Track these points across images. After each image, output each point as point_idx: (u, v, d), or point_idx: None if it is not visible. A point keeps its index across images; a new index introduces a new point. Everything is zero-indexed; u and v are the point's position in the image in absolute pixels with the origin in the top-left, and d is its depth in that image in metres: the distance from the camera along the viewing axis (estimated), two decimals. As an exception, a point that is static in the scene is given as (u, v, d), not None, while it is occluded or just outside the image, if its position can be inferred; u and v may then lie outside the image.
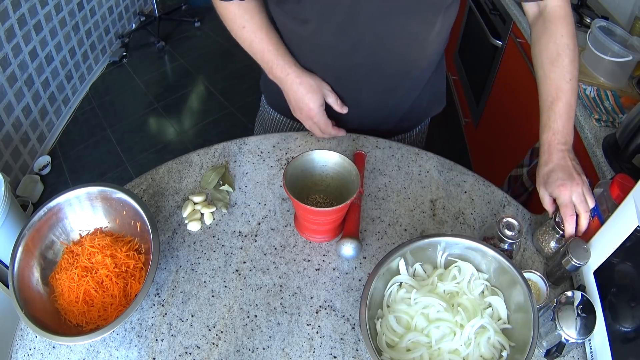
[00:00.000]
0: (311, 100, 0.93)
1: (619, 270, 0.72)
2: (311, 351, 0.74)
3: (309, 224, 0.84)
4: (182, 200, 0.93)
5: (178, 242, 0.87)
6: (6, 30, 2.10)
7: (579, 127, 1.32)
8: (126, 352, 0.73)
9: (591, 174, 1.26)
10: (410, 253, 0.76)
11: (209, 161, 1.00)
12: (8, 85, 2.14)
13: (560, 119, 0.84)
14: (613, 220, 0.75)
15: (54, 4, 2.45)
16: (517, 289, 0.70)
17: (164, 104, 2.83)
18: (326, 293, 0.80)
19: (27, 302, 0.72)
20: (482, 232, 0.86)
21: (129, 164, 2.47)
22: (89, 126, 2.68)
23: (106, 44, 3.08)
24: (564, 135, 0.84)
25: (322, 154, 0.83)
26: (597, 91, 1.37)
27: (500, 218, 0.78)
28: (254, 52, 0.94)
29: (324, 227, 0.84)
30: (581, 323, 0.68)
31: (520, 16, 1.71)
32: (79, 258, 0.79)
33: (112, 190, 0.82)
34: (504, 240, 0.78)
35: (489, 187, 0.97)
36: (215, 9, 0.93)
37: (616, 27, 1.47)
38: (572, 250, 0.75)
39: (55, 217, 0.81)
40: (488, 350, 0.69)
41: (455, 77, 2.67)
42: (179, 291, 0.80)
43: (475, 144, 2.37)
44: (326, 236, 0.87)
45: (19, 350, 0.74)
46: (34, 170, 2.36)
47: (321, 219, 0.81)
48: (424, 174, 0.98)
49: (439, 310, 0.71)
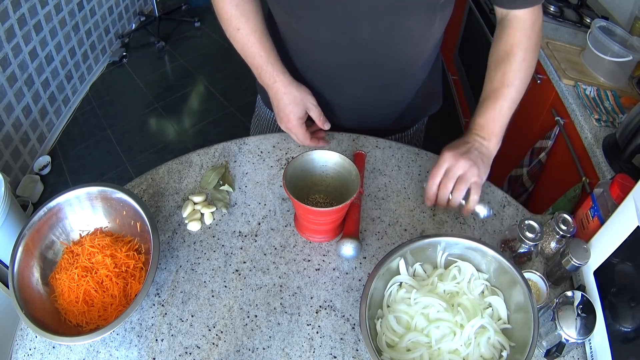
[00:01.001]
0: (292, 112, 0.94)
1: (619, 270, 0.72)
2: (311, 351, 0.74)
3: (309, 224, 0.84)
4: (182, 200, 0.93)
5: (178, 242, 0.87)
6: (6, 30, 2.10)
7: (579, 127, 1.32)
8: (126, 352, 0.73)
9: (591, 174, 1.26)
10: (410, 253, 0.76)
11: (209, 161, 1.00)
12: (8, 85, 2.14)
13: (483, 117, 0.86)
14: (613, 220, 0.75)
15: (54, 4, 2.45)
16: (517, 289, 0.70)
17: (164, 104, 2.83)
18: (326, 293, 0.80)
19: (27, 302, 0.72)
20: (502, 235, 0.86)
21: (129, 164, 2.47)
22: (89, 126, 2.68)
23: (106, 44, 3.08)
24: (486, 132, 0.86)
25: (322, 153, 0.83)
26: (597, 91, 1.37)
27: (522, 220, 0.79)
28: (245, 55, 0.94)
29: (324, 227, 0.84)
30: (581, 323, 0.68)
31: (520, 16, 1.70)
32: (79, 258, 0.79)
33: (112, 190, 0.82)
34: (525, 242, 0.78)
35: (489, 187, 0.97)
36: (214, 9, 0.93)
37: (616, 27, 1.47)
38: (572, 250, 0.75)
39: (55, 217, 0.81)
40: (488, 350, 0.69)
41: (455, 77, 2.66)
42: (179, 291, 0.80)
43: (475, 144, 2.36)
44: (326, 236, 0.87)
45: (19, 350, 0.74)
46: (34, 170, 2.36)
47: (321, 219, 0.81)
48: (424, 174, 0.98)
49: (439, 310, 0.71)
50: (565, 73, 1.44)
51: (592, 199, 0.84)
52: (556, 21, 1.69)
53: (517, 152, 1.74)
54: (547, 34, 1.62)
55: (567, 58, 1.51)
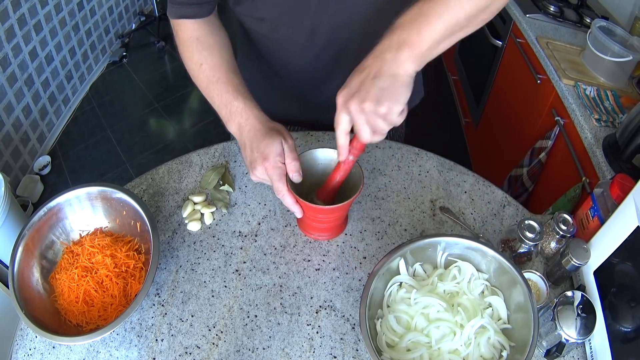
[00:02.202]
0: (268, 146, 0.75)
1: (619, 270, 0.72)
2: (311, 351, 0.74)
3: (314, 222, 0.83)
4: (182, 200, 0.93)
5: (178, 242, 0.87)
6: (6, 30, 2.09)
7: (579, 127, 1.32)
8: (126, 352, 0.73)
9: (591, 174, 1.26)
10: (410, 253, 0.76)
11: (209, 161, 1.00)
12: (8, 85, 2.14)
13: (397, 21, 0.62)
14: (613, 220, 0.75)
15: (54, 4, 2.45)
16: (517, 289, 0.70)
17: (164, 104, 2.83)
18: (326, 293, 0.80)
19: (27, 302, 0.72)
20: (502, 235, 0.86)
21: (129, 164, 2.47)
22: (89, 126, 2.68)
23: (106, 44, 3.08)
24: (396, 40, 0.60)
25: (325, 152, 0.82)
26: (597, 91, 1.37)
27: (522, 220, 0.79)
28: (211, 95, 0.80)
29: (327, 225, 0.84)
30: (581, 323, 0.68)
31: (520, 16, 1.71)
32: (79, 258, 0.79)
33: (112, 190, 0.82)
34: (525, 242, 0.78)
35: (489, 187, 0.97)
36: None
37: (616, 27, 1.47)
38: (572, 250, 0.75)
39: (55, 217, 0.81)
40: (488, 350, 0.69)
41: (455, 77, 2.67)
42: (179, 291, 0.80)
43: (475, 144, 2.37)
44: (330, 233, 0.87)
45: (19, 350, 0.74)
46: (34, 170, 2.35)
47: (325, 217, 0.81)
48: (424, 174, 0.98)
49: (439, 310, 0.71)
50: (565, 73, 1.44)
51: (592, 199, 0.84)
52: (556, 21, 1.69)
53: (517, 152, 1.74)
54: (547, 34, 1.62)
55: (567, 58, 1.51)
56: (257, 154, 0.75)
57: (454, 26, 0.59)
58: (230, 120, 0.79)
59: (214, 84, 0.79)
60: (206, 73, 0.79)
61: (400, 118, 0.63)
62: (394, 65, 0.60)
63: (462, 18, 0.59)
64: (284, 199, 0.77)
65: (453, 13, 0.58)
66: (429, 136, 2.60)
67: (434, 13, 0.58)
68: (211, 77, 0.79)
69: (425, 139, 1.30)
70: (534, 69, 1.60)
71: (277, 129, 0.78)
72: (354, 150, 0.70)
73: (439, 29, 0.58)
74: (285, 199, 0.76)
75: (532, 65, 1.62)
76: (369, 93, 0.60)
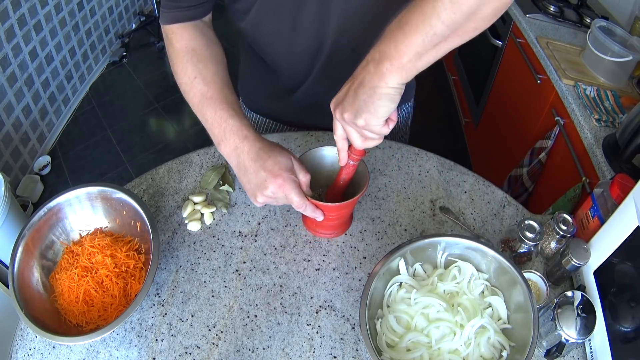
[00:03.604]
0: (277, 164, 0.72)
1: (619, 270, 0.72)
2: (311, 351, 0.74)
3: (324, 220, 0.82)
4: (182, 200, 0.93)
5: (178, 242, 0.87)
6: (6, 30, 2.10)
7: (579, 127, 1.32)
8: (126, 352, 0.73)
9: (591, 174, 1.26)
10: (410, 253, 0.76)
11: (209, 161, 1.00)
12: (8, 85, 2.14)
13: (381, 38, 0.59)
14: (613, 220, 0.75)
15: (54, 4, 2.45)
16: (517, 289, 0.70)
17: (164, 104, 2.83)
18: (326, 293, 0.80)
19: (27, 302, 0.72)
20: (502, 235, 0.85)
21: (129, 164, 2.47)
22: (89, 126, 2.68)
23: (106, 44, 3.08)
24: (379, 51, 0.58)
25: (333, 150, 0.81)
26: (597, 91, 1.38)
27: (522, 220, 0.79)
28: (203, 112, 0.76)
29: (333, 223, 0.84)
30: (581, 323, 0.68)
31: (520, 16, 1.71)
32: (79, 258, 0.79)
33: (112, 190, 0.82)
34: (525, 242, 0.78)
35: (489, 187, 0.97)
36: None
37: (616, 27, 1.47)
38: (572, 250, 0.75)
39: (55, 217, 0.81)
40: (488, 350, 0.69)
41: (455, 77, 2.67)
42: (179, 291, 0.80)
43: (475, 144, 2.37)
44: (337, 231, 0.87)
45: (19, 350, 0.74)
46: (34, 170, 2.36)
47: (332, 214, 0.81)
48: (424, 174, 0.98)
49: (439, 310, 0.71)
50: (565, 73, 1.44)
51: (592, 199, 0.84)
52: (556, 21, 1.70)
53: (517, 152, 1.74)
54: (547, 34, 1.63)
55: (567, 58, 1.51)
56: (264, 173, 0.71)
57: (433, 37, 0.56)
58: (224, 140, 0.74)
59: (208, 100, 0.75)
60: (200, 87, 0.75)
61: (386, 127, 0.62)
62: (376, 78, 0.58)
63: (440, 29, 0.55)
64: (306, 210, 0.75)
65: (428, 24, 0.55)
66: (429, 136, 2.60)
67: (411, 23, 0.55)
68: (205, 92, 0.75)
69: (425, 139, 1.30)
70: (534, 69, 1.60)
71: (277, 144, 0.75)
72: (353, 156, 0.72)
73: (415, 41, 0.55)
74: (308, 209, 0.75)
75: (532, 65, 1.62)
76: (351, 105, 0.60)
